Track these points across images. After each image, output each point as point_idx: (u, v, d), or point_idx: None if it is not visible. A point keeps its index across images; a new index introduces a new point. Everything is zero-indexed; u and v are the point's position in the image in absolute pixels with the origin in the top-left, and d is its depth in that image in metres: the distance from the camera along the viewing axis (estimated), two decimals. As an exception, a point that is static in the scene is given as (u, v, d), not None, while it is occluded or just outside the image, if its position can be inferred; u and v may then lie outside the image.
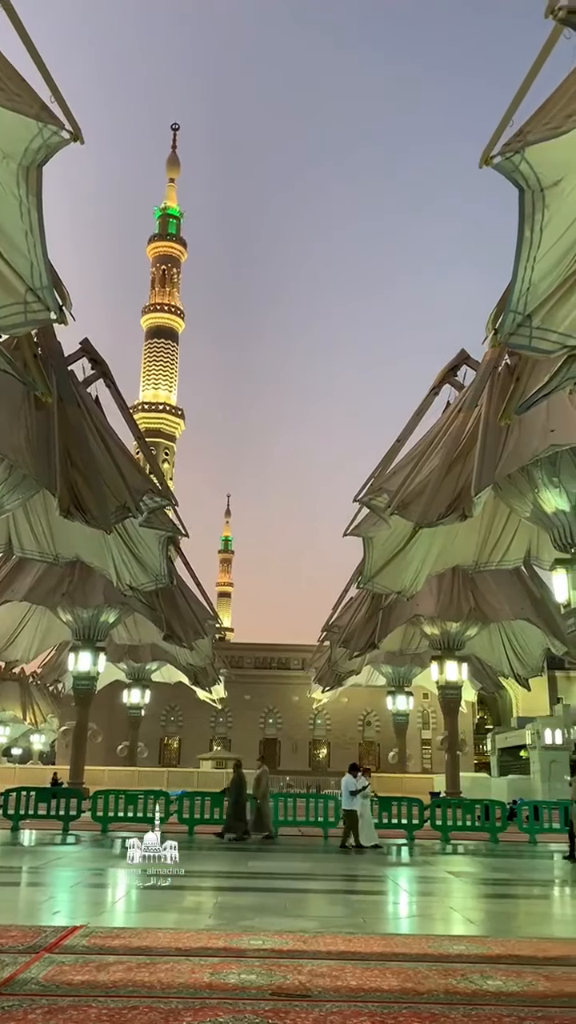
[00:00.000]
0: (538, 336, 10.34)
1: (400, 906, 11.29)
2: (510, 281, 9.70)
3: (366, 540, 25.95)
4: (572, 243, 9.71)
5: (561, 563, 26.87)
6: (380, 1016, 5.11)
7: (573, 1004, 5.57)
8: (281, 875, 13.92)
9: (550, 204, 9.00)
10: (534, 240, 9.26)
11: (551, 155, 8.57)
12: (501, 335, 10.26)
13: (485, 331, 10.47)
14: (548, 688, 58.52)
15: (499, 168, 8.48)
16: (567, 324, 10.33)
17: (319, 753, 66.62)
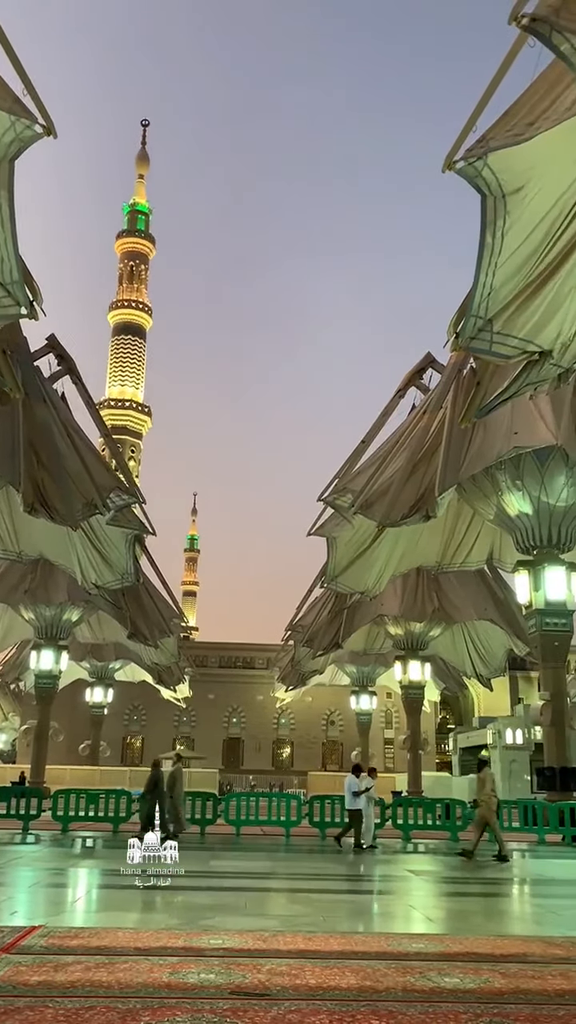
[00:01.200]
0: (498, 341, 10.47)
1: (360, 905, 11.35)
2: (472, 286, 9.80)
3: (330, 540, 26.07)
4: (533, 250, 9.83)
5: (523, 565, 27.24)
6: (338, 1014, 5.13)
7: (528, 1000, 5.64)
8: (242, 874, 13.92)
9: (511, 211, 9.12)
10: (495, 246, 9.37)
11: (513, 162, 8.67)
12: (462, 339, 10.37)
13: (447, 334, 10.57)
14: (509, 688, 59.13)
15: (462, 173, 8.57)
16: (527, 330, 10.46)
17: (283, 752, 66.69)
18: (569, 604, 26.88)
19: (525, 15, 7.45)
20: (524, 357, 10.87)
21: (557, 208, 9.57)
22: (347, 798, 18.73)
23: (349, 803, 18.55)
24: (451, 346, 10.90)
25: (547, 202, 9.43)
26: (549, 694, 26.64)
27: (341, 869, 15.16)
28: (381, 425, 26.38)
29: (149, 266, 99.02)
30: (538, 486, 25.41)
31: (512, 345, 10.50)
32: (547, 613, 26.50)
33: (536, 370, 11.03)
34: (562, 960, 7.03)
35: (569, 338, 10.79)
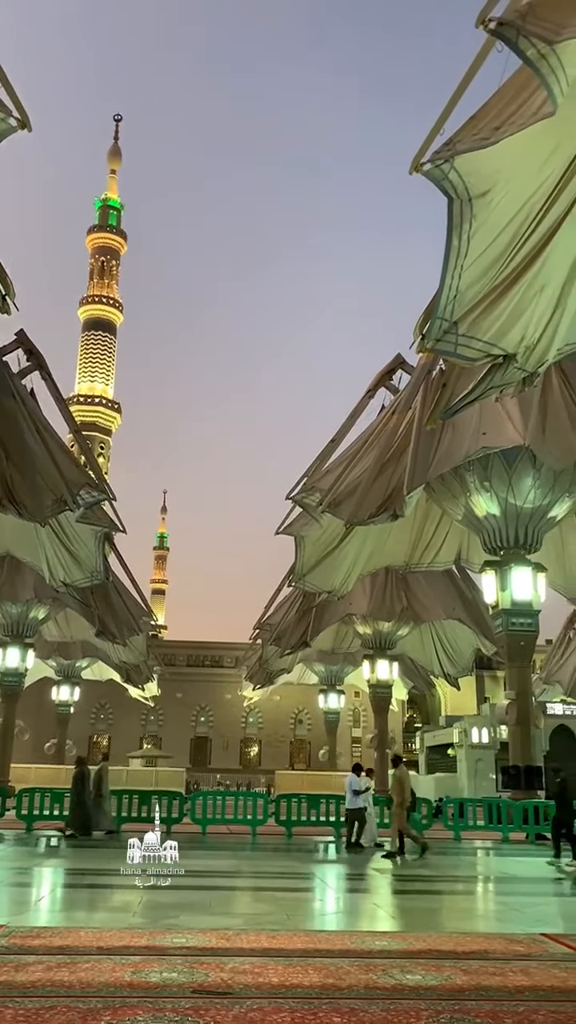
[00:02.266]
0: (463, 343, 10.55)
1: (325, 903, 11.38)
2: (438, 288, 9.86)
3: (298, 539, 26.09)
4: (499, 254, 9.91)
5: (490, 565, 27.48)
6: (300, 1012, 5.15)
7: (488, 996, 5.70)
8: (207, 873, 13.89)
9: (478, 214, 9.18)
10: (462, 249, 9.44)
11: (480, 166, 8.73)
12: (428, 341, 10.43)
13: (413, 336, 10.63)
14: (476, 688, 59.62)
15: (429, 175, 8.62)
16: (491, 333, 10.54)
17: (250, 751, 66.68)
18: (535, 604, 27.15)
19: (492, 19, 7.47)
20: (489, 360, 10.96)
21: (523, 213, 9.65)
22: (348, 797, 18.80)
23: (350, 802, 18.63)
24: (417, 347, 10.96)
25: (513, 206, 9.50)
26: (514, 693, 26.90)
27: (306, 868, 15.19)
28: (351, 425, 26.45)
29: (120, 262, 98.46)
30: (506, 487, 25.64)
31: (477, 348, 10.58)
32: (513, 613, 26.75)
33: (501, 373, 11.12)
34: (523, 957, 7.11)
35: (533, 342, 10.89)
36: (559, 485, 25.62)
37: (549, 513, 26.50)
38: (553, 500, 26.12)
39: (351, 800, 18.51)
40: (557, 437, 23.12)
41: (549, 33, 7.31)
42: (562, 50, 7.48)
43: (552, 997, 5.73)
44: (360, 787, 18.50)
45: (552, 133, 8.95)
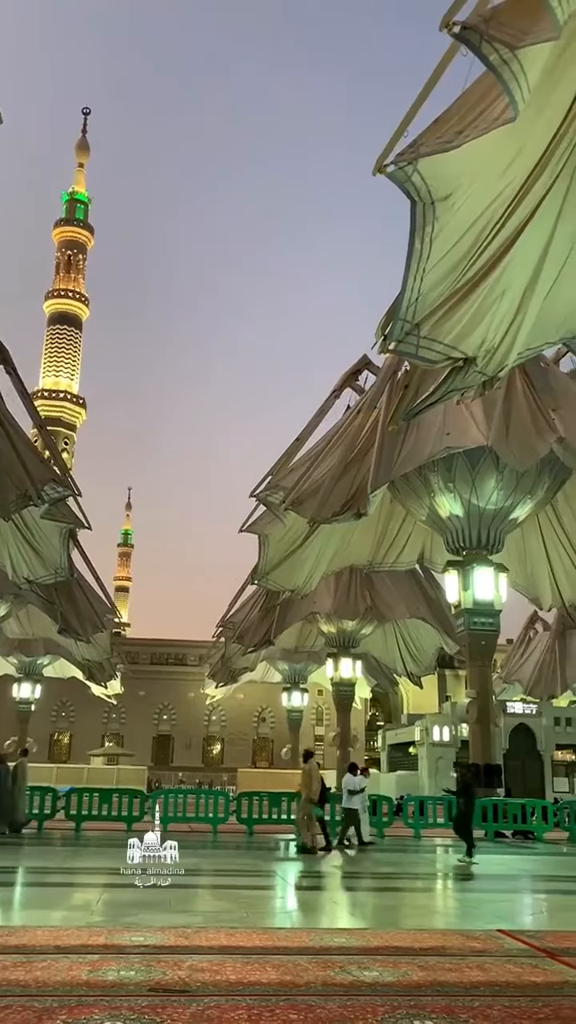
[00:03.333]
0: (424, 346, 10.62)
1: (285, 900, 11.41)
2: (400, 289, 9.91)
3: (262, 537, 26.11)
4: (461, 258, 9.99)
5: (453, 565, 27.76)
6: (257, 1009, 5.16)
7: (444, 992, 5.76)
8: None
9: (440, 217, 9.24)
10: (424, 251, 9.50)
11: (442, 169, 8.78)
12: (389, 342, 10.49)
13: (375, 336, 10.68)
14: (438, 686, 60.08)
15: (392, 177, 8.65)
16: (452, 336, 10.63)
17: (213, 749, 66.57)
18: (496, 604, 27.47)
19: (457, 23, 7.50)
20: (449, 363, 11.04)
21: (485, 218, 9.74)
22: (344, 796, 18.88)
23: (346, 801, 18.70)
24: (379, 348, 11.02)
25: (475, 211, 9.58)
26: (475, 692, 27.17)
27: (267, 866, 15.21)
28: (316, 424, 26.54)
29: (87, 256, 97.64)
30: (469, 489, 25.91)
31: (438, 350, 10.66)
32: (475, 613, 27.03)
33: (461, 376, 11.21)
34: (479, 953, 7.18)
35: (493, 346, 11.00)
36: (521, 487, 25.94)
37: (511, 514, 26.82)
38: (515, 502, 26.44)
39: (347, 799, 18.63)
40: (520, 439, 23.40)
41: (512, 39, 7.35)
42: (524, 56, 7.53)
43: (507, 992, 5.80)
44: (356, 787, 18.63)
45: (515, 139, 9.04)
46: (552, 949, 7.34)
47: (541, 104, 8.87)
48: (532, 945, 7.52)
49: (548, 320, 11.63)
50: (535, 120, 9.03)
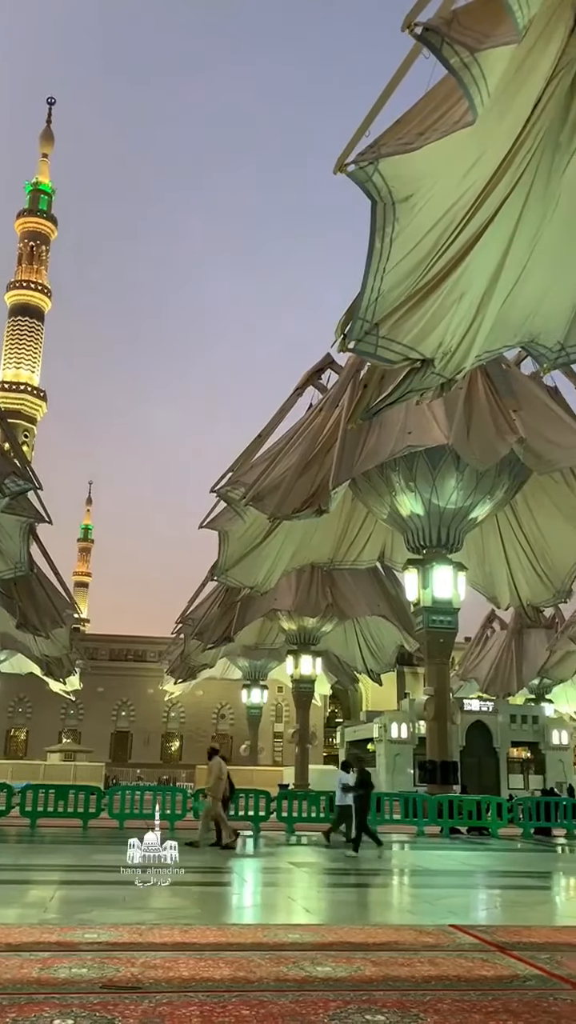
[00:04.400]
0: (383, 346, 10.67)
1: (241, 897, 11.43)
2: (360, 289, 9.95)
3: (222, 533, 26.08)
4: (420, 259, 10.05)
5: (413, 563, 28.00)
6: (209, 1005, 5.16)
7: (396, 986, 5.80)
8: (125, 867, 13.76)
9: (400, 218, 9.28)
10: (384, 251, 9.54)
11: (403, 170, 8.82)
12: (348, 340, 10.53)
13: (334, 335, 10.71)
14: (397, 683, 60.48)
15: (353, 176, 8.68)
16: (411, 337, 10.69)
17: (171, 746, 66.36)
18: (455, 603, 27.76)
19: (419, 24, 7.51)
20: (408, 363, 11.11)
21: (445, 220, 9.80)
22: (337, 794, 18.88)
23: (339, 799, 18.70)
24: (338, 347, 11.04)
25: (435, 213, 9.63)
26: (433, 689, 27.42)
27: (223, 862, 15.19)
28: (278, 422, 26.55)
29: (50, 247, 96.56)
30: (430, 488, 26.15)
31: (396, 351, 10.71)
32: (434, 611, 27.30)
33: (419, 377, 11.29)
34: (431, 947, 7.25)
35: (451, 349, 11.09)
36: (481, 487, 26.24)
37: (471, 514, 27.11)
38: (475, 502, 26.73)
39: (340, 797, 18.66)
40: (480, 439, 23.64)
41: (473, 41, 7.39)
42: (484, 59, 7.57)
43: (457, 986, 5.86)
44: (350, 783, 18.68)
45: (476, 143, 9.11)
46: (503, 943, 7.43)
47: (503, 109, 8.94)
48: (484, 940, 7.61)
49: (506, 323, 11.75)
50: (497, 125, 9.10)
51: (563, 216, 10.85)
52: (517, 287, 11.21)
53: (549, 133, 9.90)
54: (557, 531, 29.32)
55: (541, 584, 31.33)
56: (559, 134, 10.00)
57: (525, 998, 5.58)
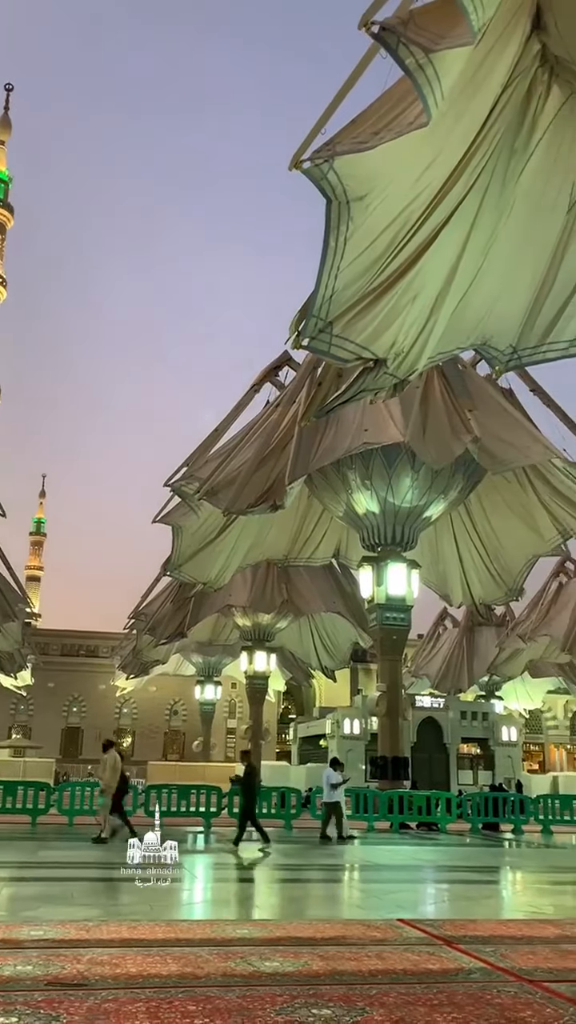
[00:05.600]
0: (337, 344, 10.71)
1: (190, 893, 11.40)
2: (314, 286, 9.97)
3: (175, 528, 25.97)
4: (375, 259, 10.10)
5: (367, 561, 28.20)
6: (156, 1001, 5.14)
7: (343, 981, 5.84)
8: (72, 864, 13.68)
9: (355, 217, 9.31)
10: (338, 250, 9.56)
11: (358, 169, 8.84)
12: (302, 338, 10.55)
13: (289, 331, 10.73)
14: (350, 680, 60.78)
15: (308, 173, 8.68)
16: (364, 336, 10.75)
17: (123, 742, 65.86)
18: (408, 600, 28.02)
19: (376, 23, 7.50)
20: (361, 362, 11.16)
21: (400, 221, 9.85)
22: (325, 791, 18.88)
23: (327, 796, 18.71)
24: (292, 343, 11.06)
25: (390, 213, 9.68)
26: (385, 686, 27.65)
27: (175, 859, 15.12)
28: (235, 417, 26.52)
29: (6, 236, 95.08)
30: (385, 487, 26.36)
31: (350, 349, 10.75)
32: (387, 608, 27.53)
33: (372, 377, 11.35)
34: (379, 942, 7.30)
35: (403, 349, 11.16)
36: (436, 486, 26.51)
37: (425, 513, 27.39)
38: (429, 500, 27.01)
39: (328, 794, 18.70)
40: (436, 438, 23.87)
41: (428, 42, 7.41)
42: (439, 61, 7.60)
43: (403, 980, 5.91)
44: (337, 781, 18.73)
45: (431, 145, 9.17)
46: (449, 937, 7.52)
47: (459, 113, 9.01)
48: (430, 933, 7.69)
49: (459, 326, 11.87)
50: (452, 128, 9.17)
51: (517, 221, 10.98)
52: (471, 290, 11.32)
53: (505, 139, 10.01)
54: (510, 530, 29.72)
55: (493, 582, 31.74)
56: (514, 140, 10.12)
57: (469, 991, 5.66)
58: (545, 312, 11.81)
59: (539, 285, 11.60)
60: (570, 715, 68.48)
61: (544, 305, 11.75)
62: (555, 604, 43.00)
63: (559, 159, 10.40)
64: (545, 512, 27.20)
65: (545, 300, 11.70)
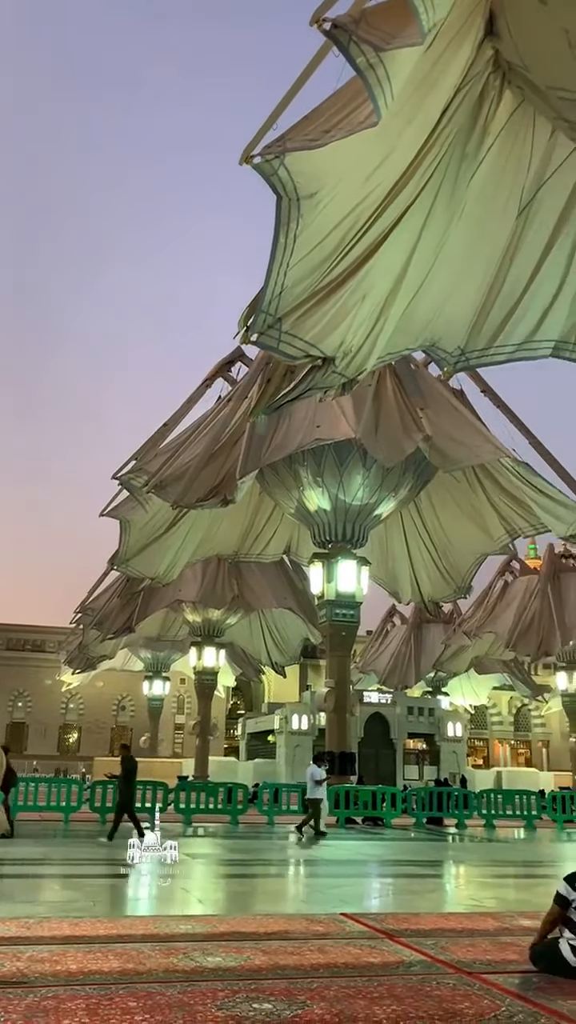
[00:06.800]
0: (286, 341, 10.73)
1: (134, 889, 11.35)
2: (264, 282, 9.96)
3: (123, 522, 25.79)
4: (324, 257, 10.13)
5: (318, 557, 28.37)
6: (96, 998, 5.12)
7: (284, 975, 5.88)
8: (14, 861, 13.52)
9: (304, 214, 9.33)
10: (288, 246, 9.57)
11: (308, 166, 8.86)
12: (251, 333, 10.54)
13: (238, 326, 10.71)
14: (300, 676, 61.03)
15: (258, 169, 8.66)
16: (313, 334, 10.77)
17: (69, 737, 65.29)
18: (358, 596, 28.25)
19: (327, 20, 7.47)
20: (309, 360, 11.19)
21: (350, 220, 9.89)
22: (309, 786, 18.86)
23: (311, 792, 18.70)
24: (240, 338, 11.03)
25: (339, 212, 9.71)
26: (334, 681, 27.83)
27: (118, 854, 15.04)
28: (186, 412, 26.41)
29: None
30: (337, 484, 26.56)
31: (298, 347, 10.78)
32: (337, 604, 27.73)
33: (321, 375, 11.39)
34: (321, 936, 7.36)
35: (351, 349, 11.22)
36: (386, 484, 26.77)
37: (376, 510, 27.65)
38: (380, 498, 27.27)
39: (312, 790, 18.71)
40: (388, 435, 24.08)
41: (379, 41, 7.41)
42: (389, 60, 7.62)
43: (345, 973, 5.97)
44: (321, 777, 18.74)
45: (382, 145, 9.21)
46: (391, 931, 7.60)
47: (411, 114, 9.07)
48: (373, 927, 7.77)
49: (408, 327, 11.96)
50: (404, 129, 9.23)
51: (468, 225, 11.11)
52: (420, 292, 11.41)
53: (456, 142, 10.11)
54: (458, 529, 30.09)
55: (442, 580, 32.12)
56: (466, 144, 10.22)
57: (409, 983, 5.73)
58: (493, 316, 11.98)
59: (488, 289, 11.76)
60: (514, 711, 69.70)
61: (493, 309, 11.92)
62: (500, 602, 43.68)
63: (509, 164, 10.54)
64: (494, 511, 27.60)
65: (494, 304, 11.87)
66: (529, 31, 8.65)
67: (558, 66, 8.28)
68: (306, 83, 8.95)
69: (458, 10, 8.33)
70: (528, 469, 22.84)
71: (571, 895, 6.06)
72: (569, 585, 42.03)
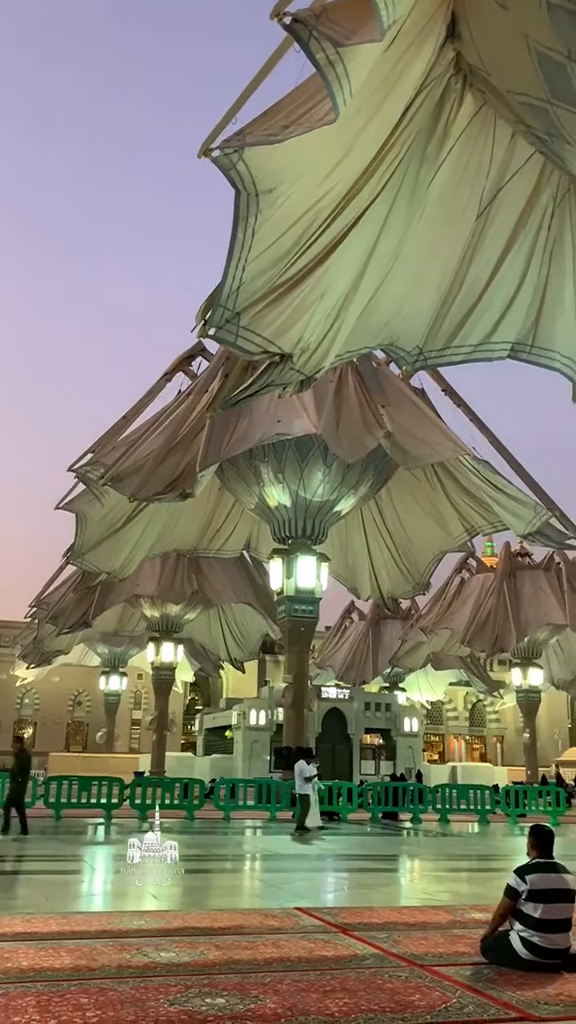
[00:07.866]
0: (244, 336, 10.72)
1: (88, 885, 11.30)
2: (222, 276, 9.94)
3: (80, 516, 25.55)
4: (283, 254, 10.13)
5: (278, 553, 28.40)
6: (47, 995, 5.10)
7: (237, 970, 5.90)
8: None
9: (263, 210, 9.31)
10: (246, 241, 9.55)
11: (267, 162, 8.84)
12: (208, 327, 10.52)
13: (196, 320, 10.68)
14: (258, 671, 61.03)
15: (217, 162, 8.63)
16: (271, 330, 10.77)
17: (24, 733, 64.51)
18: (317, 592, 28.34)
19: (288, 14, 7.42)
20: (267, 356, 11.20)
21: (308, 217, 9.90)
22: (297, 783, 18.78)
23: (299, 788, 18.63)
24: (198, 332, 10.99)
25: (298, 209, 9.71)
26: (292, 677, 27.89)
27: (73, 850, 14.97)
28: (145, 405, 26.23)
29: None
30: (297, 480, 26.59)
31: (256, 342, 10.76)
32: (296, 600, 27.80)
33: (278, 371, 11.40)
34: (275, 930, 7.40)
35: (309, 346, 11.24)
36: (347, 481, 26.88)
37: (336, 507, 27.74)
38: (340, 495, 27.36)
39: (300, 786, 18.66)
40: (349, 432, 24.15)
41: (339, 37, 7.40)
42: (348, 57, 7.62)
43: (298, 967, 6.01)
44: (309, 774, 18.69)
45: (340, 143, 9.23)
46: (345, 925, 7.66)
47: (370, 113, 9.09)
48: (326, 921, 7.83)
49: (367, 325, 12.01)
50: (363, 128, 9.25)
51: (427, 226, 11.17)
52: (379, 291, 11.46)
53: (417, 143, 10.16)
54: (418, 526, 30.30)
55: (401, 576, 32.32)
56: (427, 145, 10.28)
57: (362, 976, 5.80)
58: (452, 316, 12.08)
59: (447, 289, 11.85)
60: (470, 707, 70.45)
61: (451, 309, 12.02)
62: (457, 599, 44.12)
63: (470, 166, 10.63)
64: (453, 509, 27.83)
65: (452, 304, 11.97)
66: (490, 35, 8.72)
67: (518, 70, 8.36)
68: (266, 78, 8.95)
69: (419, 11, 8.36)
70: (488, 467, 23.06)
71: (521, 887, 6.16)
72: (524, 582, 42.59)
